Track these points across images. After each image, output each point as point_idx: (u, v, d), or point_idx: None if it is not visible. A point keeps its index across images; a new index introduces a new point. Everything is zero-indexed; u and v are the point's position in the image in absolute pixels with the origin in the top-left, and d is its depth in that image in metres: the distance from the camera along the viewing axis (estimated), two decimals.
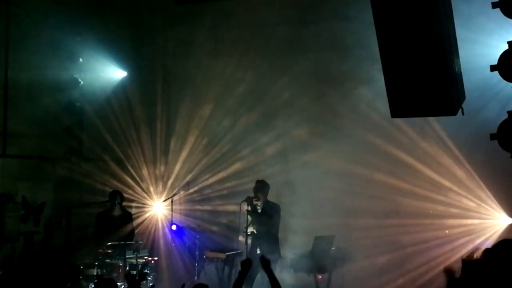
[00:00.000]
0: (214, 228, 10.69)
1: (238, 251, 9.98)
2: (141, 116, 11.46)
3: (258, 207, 9.10)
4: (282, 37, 10.45)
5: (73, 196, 10.83)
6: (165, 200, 11.39)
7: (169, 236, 11.13)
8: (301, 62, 10.24)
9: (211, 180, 11.17)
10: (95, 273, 8.91)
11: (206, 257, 10.04)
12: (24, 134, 9.80)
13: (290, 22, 10.39)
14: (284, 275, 9.41)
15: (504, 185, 9.24)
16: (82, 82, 11.02)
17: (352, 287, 9.68)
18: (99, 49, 10.77)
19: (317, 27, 9.93)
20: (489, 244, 9.11)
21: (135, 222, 10.45)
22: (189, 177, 11.34)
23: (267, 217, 9.01)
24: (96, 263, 9.12)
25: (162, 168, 11.75)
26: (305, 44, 10.21)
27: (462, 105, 6.22)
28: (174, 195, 10.91)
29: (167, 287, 10.50)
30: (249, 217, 9.06)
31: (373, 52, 6.47)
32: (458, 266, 5.57)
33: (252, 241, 9.11)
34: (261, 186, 9.17)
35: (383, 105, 6.53)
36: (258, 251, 8.86)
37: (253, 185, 9.25)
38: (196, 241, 10.25)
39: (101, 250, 9.29)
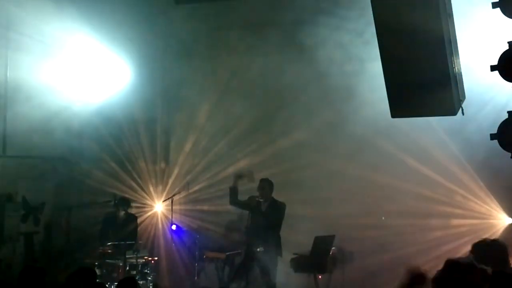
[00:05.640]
0: (214, 228, 10.68)
1: (238, 251, 9.98)
2: (141, 116, 11.45)
3: (262, 206, 9.10)
4: (284, 37, 10.44)
5: (73, 196, 10.82)
6: (165, 200, 11.38)
7: (169, 236, 11.13)
8: (302, 62, 10.24)
9: (211, 180, 11.16)
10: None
11: (206, 257, 10.04)
12: (24, 134, 9.79)
13: (291, 21, 10.40)
14: (284, 275, 9.45)
15: (504, 185, 9.23)
16: (82, 82, 11.00)
17: (352, 287, 9.68)
18: (100, 48, 10.77)
19: (316, 26, 9.92)
20: None
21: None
22: (189, 177, 11.34)
23: (273, 215, 9.03)
24: (96, 263, 9.13)
25: (162, 168, 11.75)
26: (305, 44, 10.20)
27: (462, 105, 6.23)
28: (174, 195, 10.90)
29: (167, 287, 10.50)
30: (250, 215, 9.08)
31: (375, 53, 6.48)
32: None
33: (250, 239, 9.09)
34: (267, 185, 9.18)
35: (383, 105, 6.54)
36: (259, 249, 8.86)
37: (253, 185, 9.24)
38: (196, 241, 10.25)
39: (101, 250, 9.30)
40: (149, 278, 9.38)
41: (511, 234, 9.20)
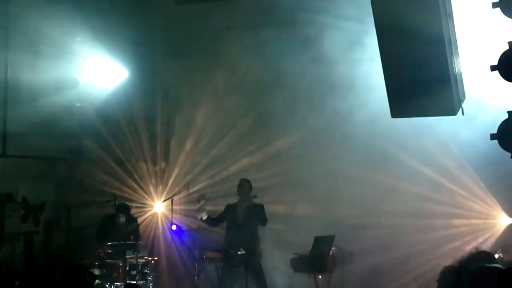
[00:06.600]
0: (214, 228, 10.67)
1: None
2: (141, 116, 11.45)
3: (239, 209, 9.05)
4: (283, 37, 10.44)
5: (73, 196, 10.82)
6: (165, 200, 11.38)
7: (169, 236, 11.13)
8: (302, 62, 10.23)
9: (211, 180, 11.16)
10: (95, 273, 8.90)
11: (206, 257, 10.03)
12: (24, 134, 9.78)
13: (290, 21, 10.39)
14: (284, 275, 9.45)
15: (504, 185, 9.24)
16: (82, 82, 11.02)
17: (352, 287, 9.68)
18: (99, 49, 10.76)
19: (316, 26, 9.92)
20: (489, 243, 9.12)
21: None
22: (189, 177, 11.34)
23: (250, 217, 8.99)
24: (96, 263, 9.13)
25: (162, 168, 11.75)
26: (305, 43, 10.20)
27: (462, 105, 6.23)
28: (174, 195, 10.90)
29: (167, 287, 10.51)
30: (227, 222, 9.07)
31: (373, 54, 6.48)
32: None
33: (230, 241, 9.07)
34: (246, 184, 9.14)
35: (383, 105, 6.54)
36: (240, 252, 8.82)
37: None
38: (196, 241, 10.24)
39: (101, 250, 9.30)
40: (149, 278, 9.37)
41: (511, 234, 9.20)
